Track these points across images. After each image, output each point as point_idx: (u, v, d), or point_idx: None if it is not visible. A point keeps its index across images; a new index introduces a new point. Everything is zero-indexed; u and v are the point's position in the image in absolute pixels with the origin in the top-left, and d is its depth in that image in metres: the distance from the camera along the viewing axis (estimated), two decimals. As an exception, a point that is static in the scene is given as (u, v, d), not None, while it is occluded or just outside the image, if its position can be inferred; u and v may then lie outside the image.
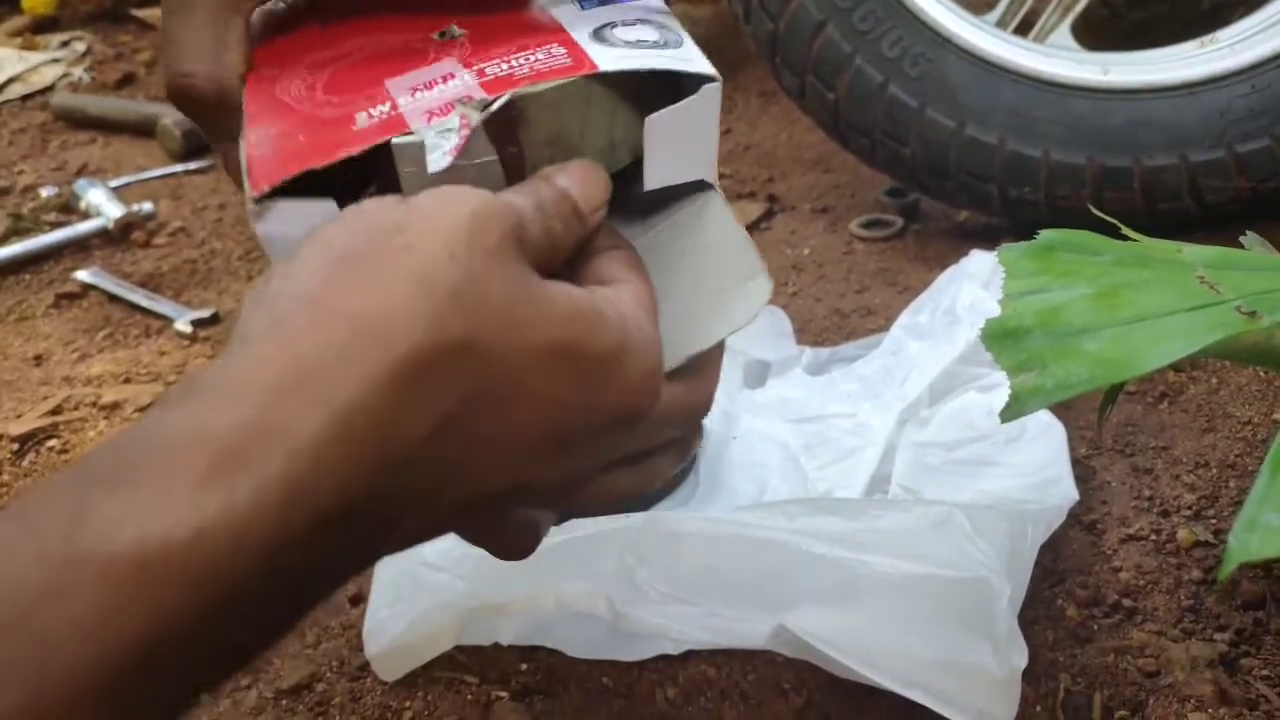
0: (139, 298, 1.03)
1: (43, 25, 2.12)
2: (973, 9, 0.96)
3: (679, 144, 0.36)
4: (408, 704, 0.55)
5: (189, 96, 0.35)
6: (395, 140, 0.33)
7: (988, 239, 0.98)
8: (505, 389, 0.28)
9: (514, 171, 0.34)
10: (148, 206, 1.20)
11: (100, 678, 0.23)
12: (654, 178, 0.36)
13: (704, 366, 0.35)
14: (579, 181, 0.33)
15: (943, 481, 0.65)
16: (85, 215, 1.20)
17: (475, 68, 0.35)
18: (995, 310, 0.73)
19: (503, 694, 0.55)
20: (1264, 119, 0.90)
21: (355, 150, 0.32)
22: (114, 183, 1.30)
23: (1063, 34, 0.98)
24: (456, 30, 0.37)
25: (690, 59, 0.36)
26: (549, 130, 0.34)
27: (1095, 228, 0.57)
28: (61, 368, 0.94)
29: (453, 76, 0.35)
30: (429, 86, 0.35)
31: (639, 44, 0.36)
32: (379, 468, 0.26)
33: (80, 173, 1.40)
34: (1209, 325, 0.37)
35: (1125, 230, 0.48)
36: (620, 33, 0.36)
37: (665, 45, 0.36)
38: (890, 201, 1.05)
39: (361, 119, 0.34)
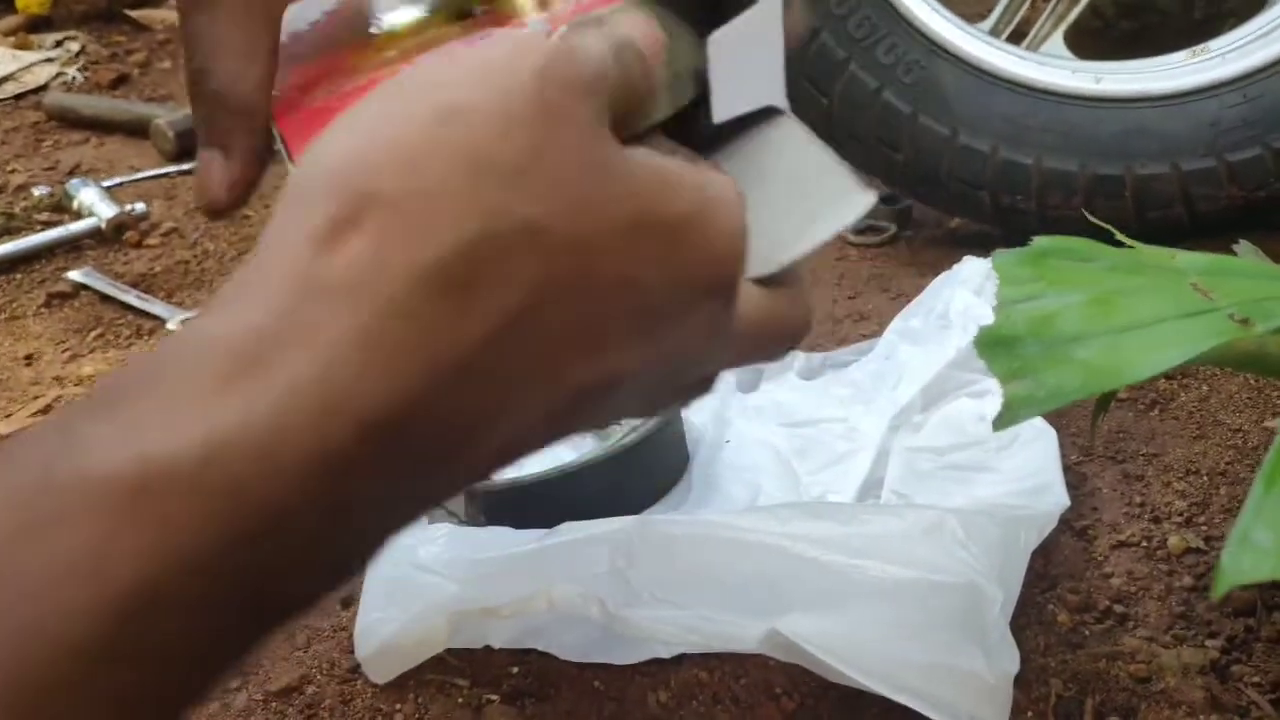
0: (131, 298, 1.02)
1: (36, 24, 2.11)
2: (967, 17, 0.97)
3: (744, 65, 0.33)
4: (398, 706, 0.55)
5: (210, 95, 0.33)
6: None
7: (980, 246, 0.99)
8: (579, 277, 0.24)
9: None
10: (140, 207, 1.19)
11: (93, 631, 0.18)
12: (722, 107, 0.33)
13: (800, 284, 0.32)
14: (637, 27, 0.28)
15: (935, 487, 0.65)
16: (78, 215, 1.19)
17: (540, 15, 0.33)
18: (988, 316, 0.73)
19: (494, 697, 0.55)
20: (1255, 128, 0.91)
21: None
22: (107, 183, 1.29)
23: (1055, 43, 0.99)
24: (477, 9, 0.34)
25: None
26: None
27: (1087, 236, 0.57)
28: (52, 367, 0.94)
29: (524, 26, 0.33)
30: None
31: None
32: (428, 375, 0.22)
33: (73, 172, 1.40)
34: (1202, 333, 0.38)
35: (1119, 236, 0.49)
36: None
37: None
38: (883, 208, 1.05)
39: None
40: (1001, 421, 0.33)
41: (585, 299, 0.24)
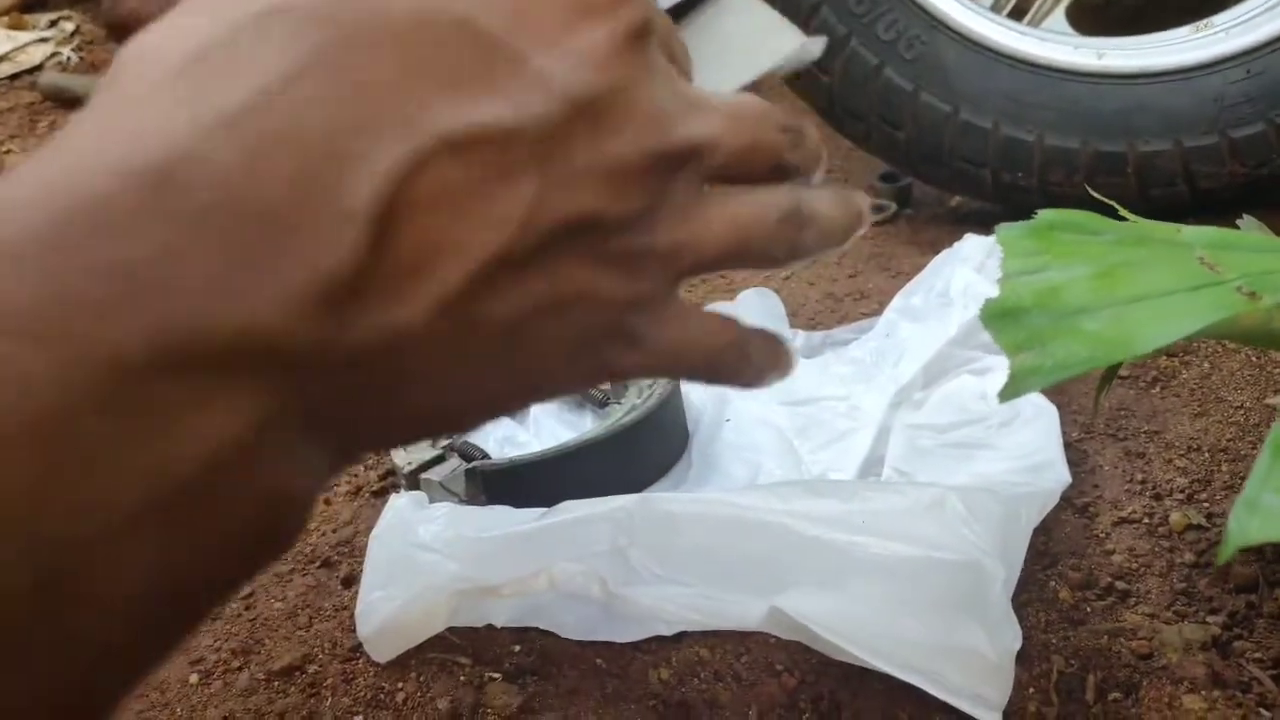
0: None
1: (31, 4, 2.09)
2: (969, -8, 0.96)
3: None
4: (400, 685, 0.55)
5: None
6: None
7: (981, 224, 0.98)
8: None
9: None
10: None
11: None
12: None
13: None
14: None
15: (936, 464, 0.65)
16: (73, 196, 1.19)
17: None
18: (989, 293, 0.73)
19: (496, 675, 0.55)
20: (1259, 104, 0.90)
21: None
22: (102, 163, 1.29)
23: (1058, 18, 0.98)
24: None
25: None
26: None
27: (1091, 211, 0.57)
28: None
29: None
30: None
31: None
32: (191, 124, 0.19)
33: (67, 153, 1.39)
34: (1209, 305, 0.37)
35: (1122, 211, 0.48)
36: None
37: None
38: (884, 186, 1.05)
39: None
40: (1007, 392, 0.33)
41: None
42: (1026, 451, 0.65)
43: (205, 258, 0.18)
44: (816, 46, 0.36)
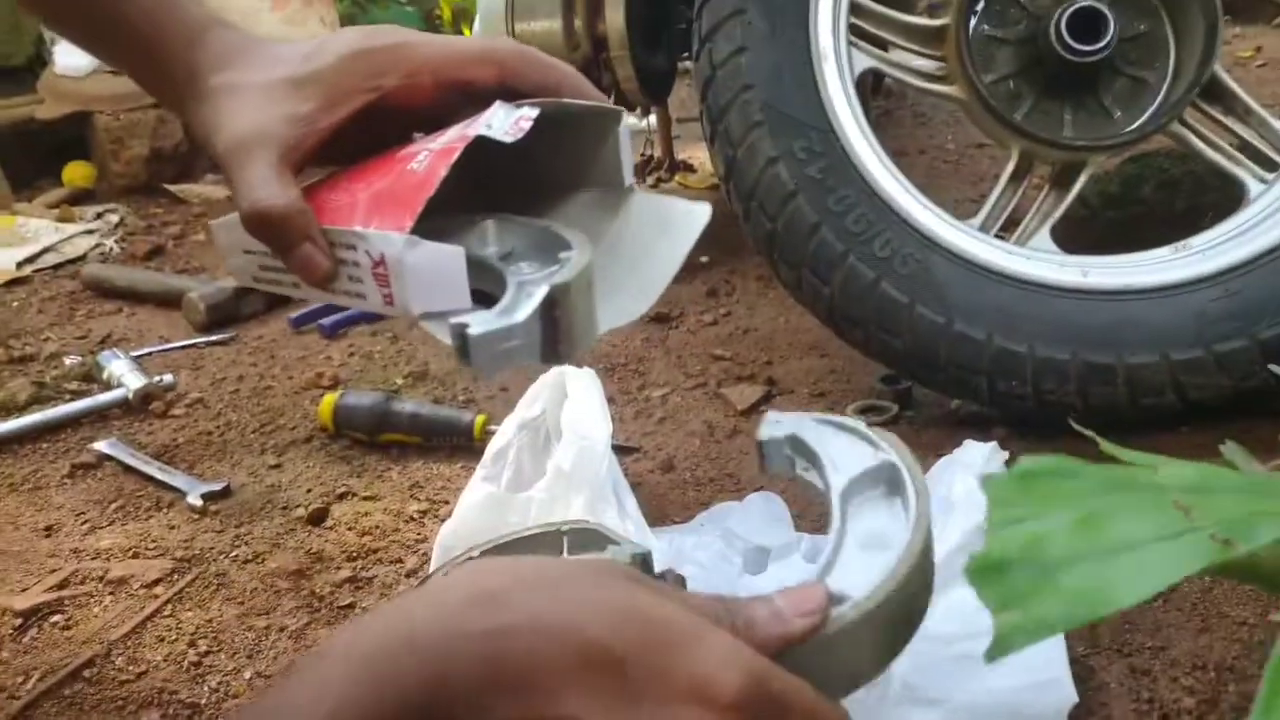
0: (153, 469, 1.05)
1: (80, 197, 2.23)
2: (958, 214, 1.03)
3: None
4: None
5: (265, 218, 0.45)
6: (482, 132, 0.42)
7: (980, 427, 1.02)
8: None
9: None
10: (168, 378, 1.24)
11: None
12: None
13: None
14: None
15: (943, 678, 0.65)
16: (107, 385, 1.24)
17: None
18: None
19: None
20: (1240, 321, 0.94)
21: (444, 171, 0.41)
22: (136, 353, 1.34)
23: (1043, 237, 1.04)
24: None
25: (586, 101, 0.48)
26: None
27: (1082, 423, 0.59)
28: (71, 540, 0.96)
29: (436, 138, 0.45)
30: (439, 138, 0.45)
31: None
32: None
33: (104, 342, 1.45)
34: (1185, 555, 0.39)
35: (1104, 447, 0.51)
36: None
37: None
38: (885, 389, 1.09)
39: (415, 166, 0.43)
40: (994, 652, 0.34)
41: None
42: (1032, 667, 0.65)
43: None
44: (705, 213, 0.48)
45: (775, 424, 0.51)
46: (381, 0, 3.08)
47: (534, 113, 0.44)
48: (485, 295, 0.43)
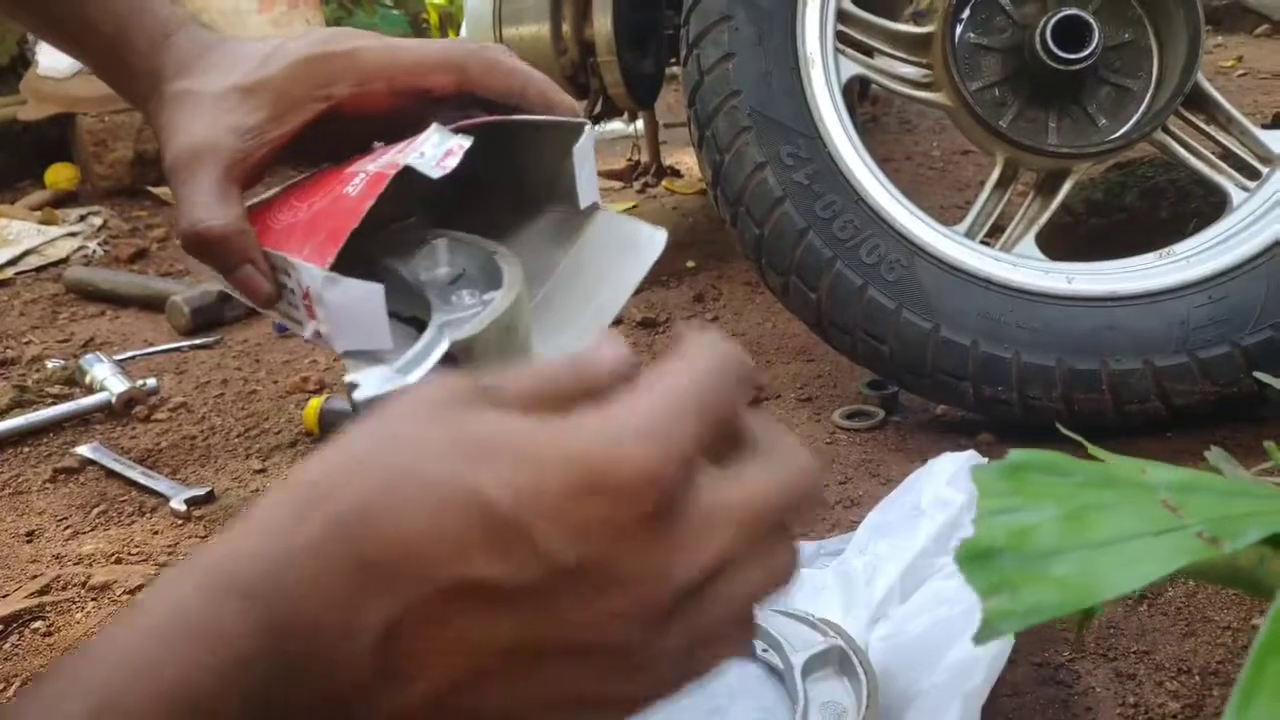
0: (136, 474, 1.04)
1: (63, 200, 2.22)
2: (944, 220, 1.03)
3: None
4: None
5: (203, 239, 0.44)
6: (409, 161, 0.41)
7: (965, 432, 1.02)
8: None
9: None
10: (151, 382, 1.23)
11: None
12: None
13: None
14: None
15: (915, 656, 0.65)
16: (90, 389, 1.23)
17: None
18: (958, 503, 0.75)
19: None
20: (1223, 327, 0.95)
21: (370, 202, 0.40)
22: (119, 356, 1.33)
23: (1028, 244, 1.05)
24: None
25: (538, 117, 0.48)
26: None
27: (1070, 427, 0.60)
28: (53, 545, 0.95)
29: (386, 152, 0.44)
30: (385, 154, 0.44)
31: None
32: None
33: (87, 345, 1.44)
34: (1172, 551, 0.39)
35: (1091, 450, 0.51)
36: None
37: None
38: (871, 393, 1.09)
39: (350, 190, 0.42)
40: (982, 635, 0.34)
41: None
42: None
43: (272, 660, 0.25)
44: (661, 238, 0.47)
45: None
46: (367, 4, 3.08)
47: (466, 142, 0.42)
48: (420, 323, 0.42)
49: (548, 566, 0.25)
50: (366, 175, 0.42)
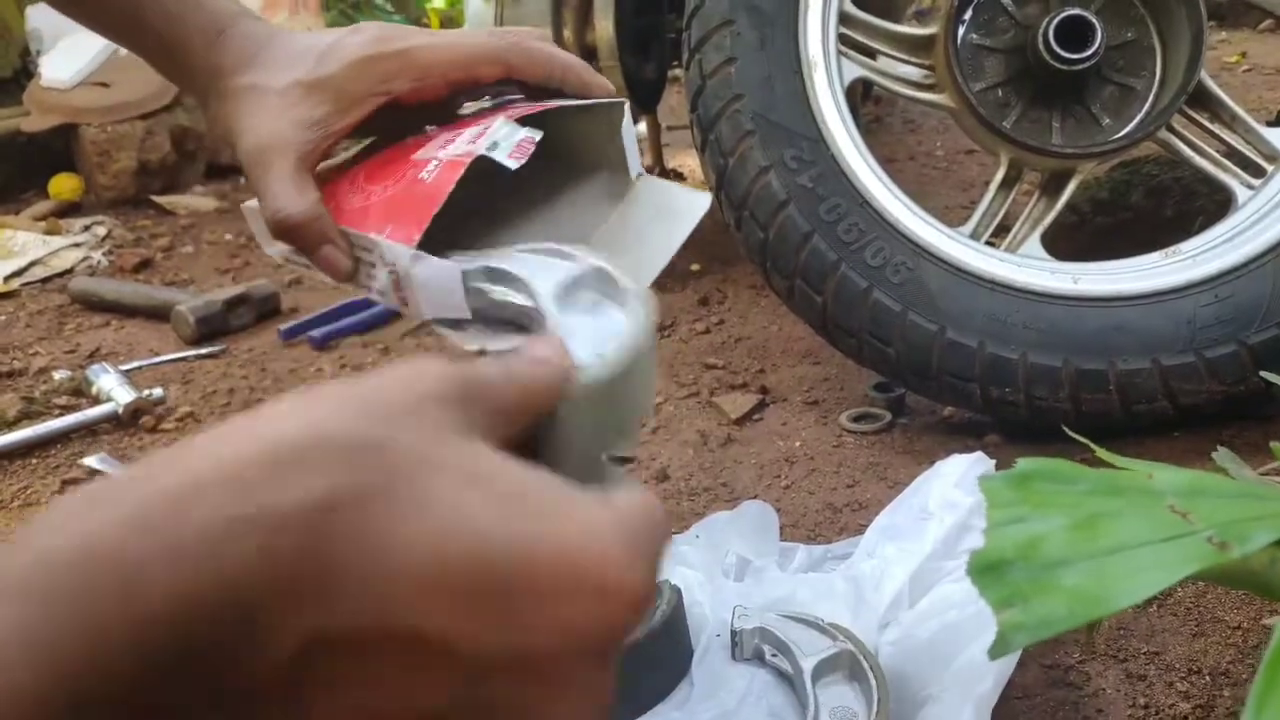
0: (143, 484, 1.04)
1: (67, 210, 2.22)
2: (948, 221, 1.03)
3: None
4: None
5: (286, 226, 0.48)
6: (486, 151, 0.44)
7: (973, 434, 1.02)
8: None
9: None
10: (158, 392, 1.23)
11: None
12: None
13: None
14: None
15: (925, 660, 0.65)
16: (96, 400, 1.23)
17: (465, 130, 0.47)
18: (966, 505, 0.75)
19: None
20: (1230, 326, 0.95)
21: (450, 188, 0.43)
22: (125, 367, 1.34)
23: (1033, 244, 1.04)
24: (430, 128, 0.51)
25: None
26: None
27: (1076, 429, 0.60)
28: (61, 555, 0.95)
29: (447, 137, 0.47)
30: (450, 142, 0.46)
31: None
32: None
33: (93, 356, 1.44)
34: (1182, 557, 0.39)
35: (1098, 452, 0.51)
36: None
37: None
38: (878, 396, 1.09)
39: (425, 176, 0.45)
40: (996, 649, 0.34)
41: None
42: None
43: None
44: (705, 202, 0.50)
45: (744, 616, 0.66)
46: (368, 9, 3.09)
47: (537, 135, 0.46)
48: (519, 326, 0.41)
49: (512, 647, 0.23)
50: (440, 162, 0.46)
